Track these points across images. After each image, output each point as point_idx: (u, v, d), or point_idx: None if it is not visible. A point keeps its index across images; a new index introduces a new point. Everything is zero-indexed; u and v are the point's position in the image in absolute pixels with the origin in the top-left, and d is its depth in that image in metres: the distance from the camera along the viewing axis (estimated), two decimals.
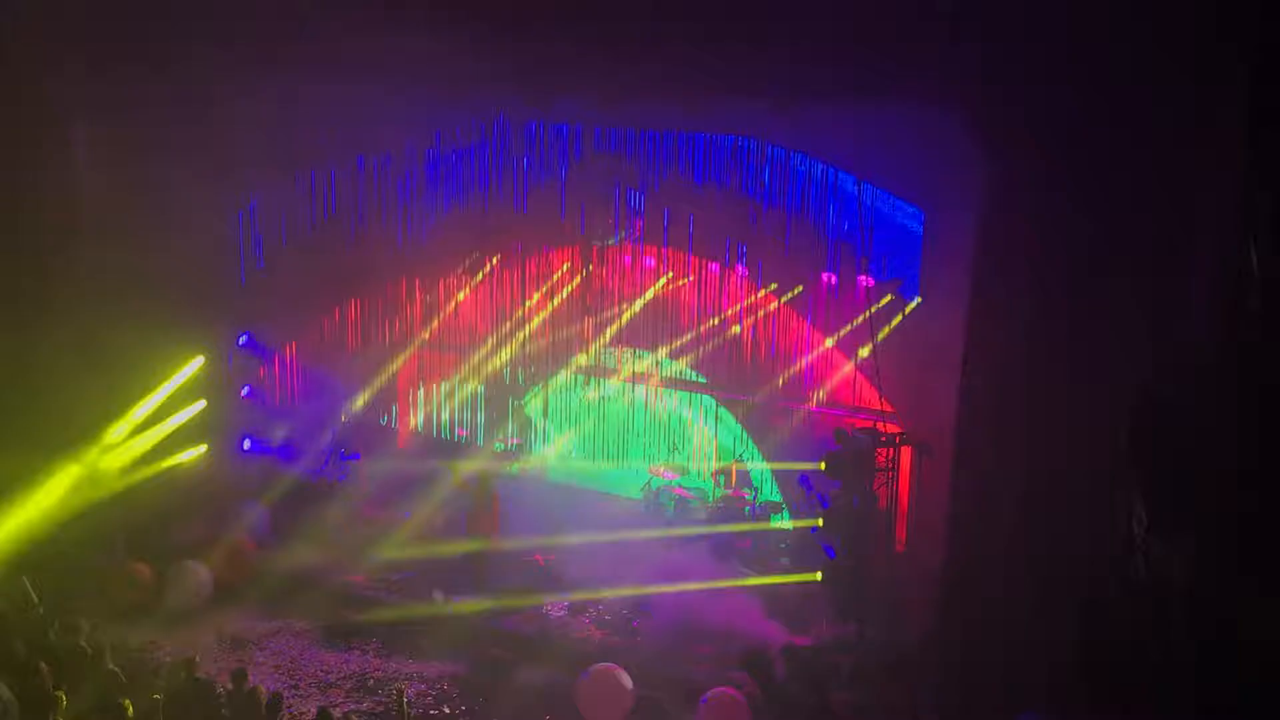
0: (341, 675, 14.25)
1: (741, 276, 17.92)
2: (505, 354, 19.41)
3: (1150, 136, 10.60)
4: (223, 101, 16.23)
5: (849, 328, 16.85)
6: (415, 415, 20.17)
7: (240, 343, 18.94)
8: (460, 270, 19.33)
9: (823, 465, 14.54)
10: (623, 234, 18.30)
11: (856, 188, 15.85)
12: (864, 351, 16.42)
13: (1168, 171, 10.56)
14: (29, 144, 15.62)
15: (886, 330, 16.06)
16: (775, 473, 17.94)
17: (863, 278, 16.33)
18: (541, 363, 19.38)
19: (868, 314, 15.85)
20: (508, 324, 19.29)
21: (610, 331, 18.77)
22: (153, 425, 17.20)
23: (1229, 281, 9.00)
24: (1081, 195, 11.75)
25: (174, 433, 17.48)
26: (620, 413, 19.30)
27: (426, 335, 19.72)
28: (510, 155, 17.97)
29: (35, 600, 13.50)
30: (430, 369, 20.03)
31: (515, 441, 19.46)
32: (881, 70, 13.30)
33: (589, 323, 18.82)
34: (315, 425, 19.07)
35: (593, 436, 19.35)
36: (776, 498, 17.90)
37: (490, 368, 19.56)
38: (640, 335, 18.66)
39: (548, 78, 15.01)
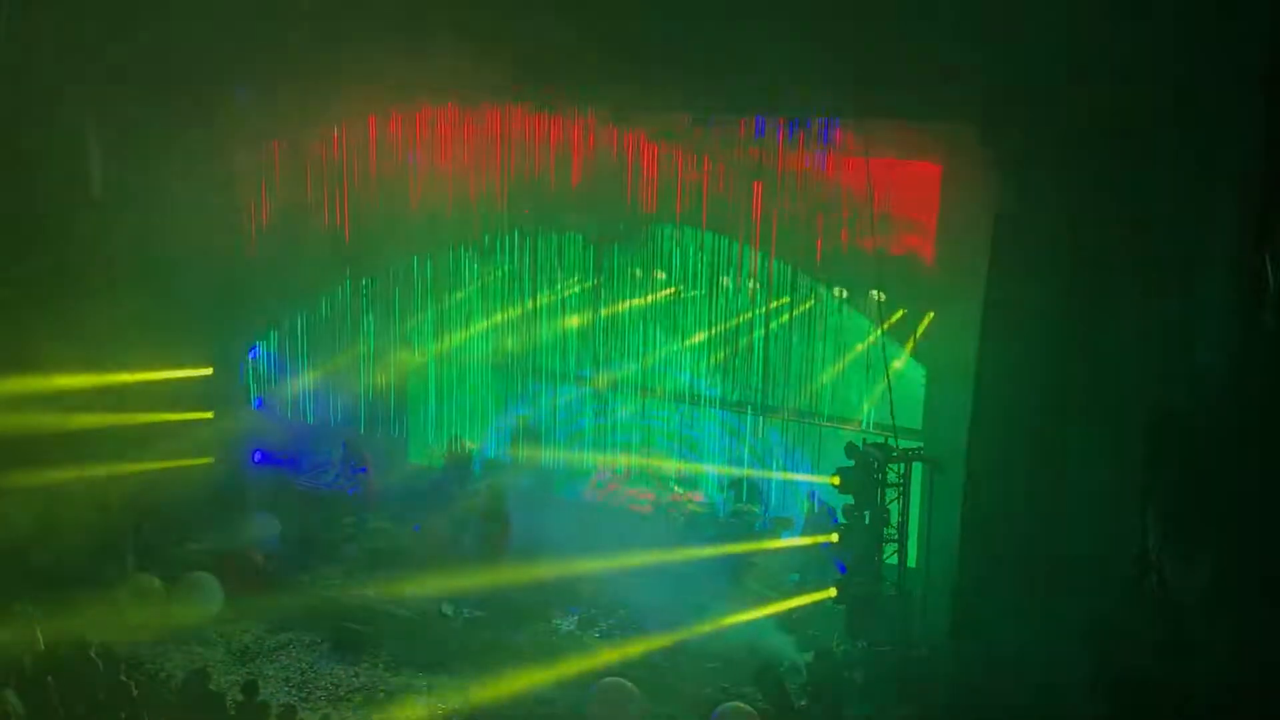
0: (351, 688, 14.21)
1: (753, 289, 17.85)
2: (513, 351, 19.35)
3: (1165, 150, 10.59)
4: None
5: (863, 344, 16.78)
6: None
7: (251, 355, 19.01)
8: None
9: (836, 480, 14.48)
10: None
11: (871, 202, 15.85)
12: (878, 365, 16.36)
13: (1182, 187, 10.56)
14: (41, 144, 15.74)
15: (909, 346, 15.98)
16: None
17: (874, 291, 16.30)
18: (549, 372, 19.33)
19: (880, 330, 15.82)
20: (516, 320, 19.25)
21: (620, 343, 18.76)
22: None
23: (1244, 298, 8.97)
24: (1095, 211, 11.76)
25: (177, 437, 17.45)
26: (630, 422, 19.23)
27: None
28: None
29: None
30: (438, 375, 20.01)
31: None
32: (890, 88, 13.37)
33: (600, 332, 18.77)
34: (326, 437, 19.15)
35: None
36: (786, 513, 17.82)
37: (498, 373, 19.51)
38: (651, 345, 18.61)
39: (551, 80, 15.12)
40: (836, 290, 17.13)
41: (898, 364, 15.94)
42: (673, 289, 18.29)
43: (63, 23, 15.25)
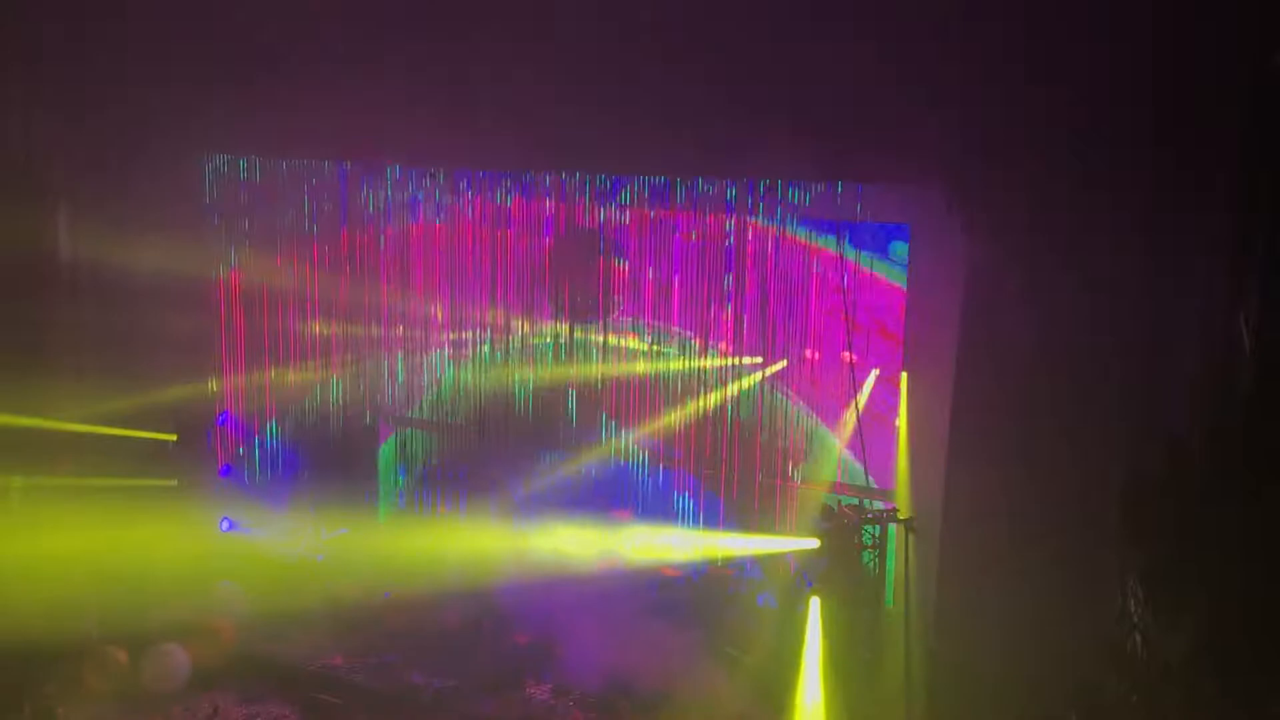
0: None
1: (724, 351, 17.84)
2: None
3: (1140, 214, 10.71)
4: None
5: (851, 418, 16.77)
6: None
7: (219, 421, 18.85)
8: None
9: (819, 542, 14.47)
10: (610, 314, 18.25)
11: (840, 265, 15.96)
12: (849, 427, 16.41)
13: (1159, 250, 10.64)
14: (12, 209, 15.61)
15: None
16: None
17: (845, 354, 16.35)
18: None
19: (857, 403, 15.86)
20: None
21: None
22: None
23: (1220, 360, 9.04)
24: (1065, 274, 11.83)
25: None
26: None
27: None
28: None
29: None
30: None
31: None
32: (857, 150, 13.48)
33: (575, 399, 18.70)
34: (295, 503, 18.95)
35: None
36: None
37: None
38: (624, 412, 18.54)
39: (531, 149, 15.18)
40: (808, 351, 17.19)
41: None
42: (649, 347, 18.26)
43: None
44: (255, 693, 15.28)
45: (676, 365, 17.92)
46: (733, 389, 17.60)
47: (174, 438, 17.82)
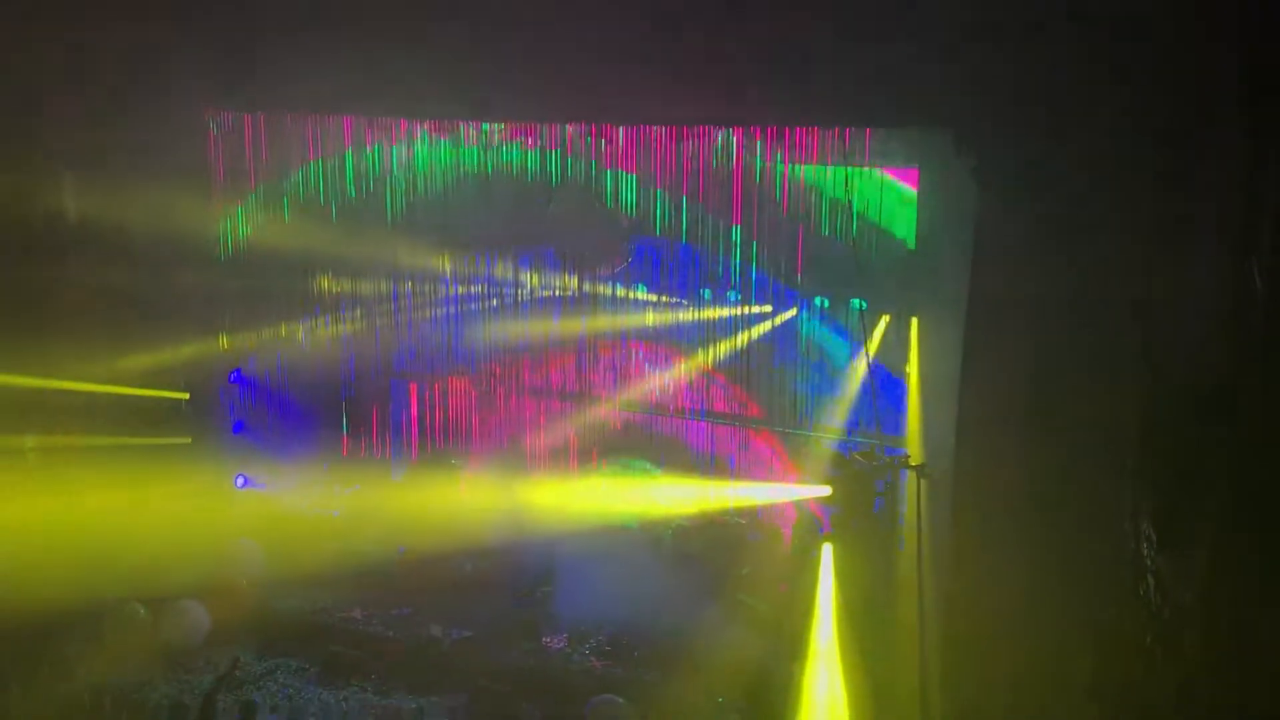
0: (340, 713, 14.11)
1: (734, 301, 17.82)
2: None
3: (1151, 159, 10.57)
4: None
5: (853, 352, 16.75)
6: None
7: (231, 379, 18.89)
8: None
9: (830, 490, 14.50)
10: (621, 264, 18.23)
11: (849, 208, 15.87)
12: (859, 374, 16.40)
13: (1164, 194, 10.51)
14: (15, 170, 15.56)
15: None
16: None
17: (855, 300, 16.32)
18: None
19: (866, 349, 15.83)
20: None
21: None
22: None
23: (1232, 306, 8.96)
24: (1074, 218, 11.73)
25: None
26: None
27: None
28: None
29: None
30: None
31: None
32: (866, 95, 13.34)
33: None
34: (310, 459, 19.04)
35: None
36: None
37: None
38: (635, 365, 18.57)
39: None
40: (818, 300, 17.16)
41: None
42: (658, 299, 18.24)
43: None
44: (275, 647, 15.42)
45: (686, 316, 17.99)
46: (743, 338, 17.63)
47: (186, 396, 17.85)
